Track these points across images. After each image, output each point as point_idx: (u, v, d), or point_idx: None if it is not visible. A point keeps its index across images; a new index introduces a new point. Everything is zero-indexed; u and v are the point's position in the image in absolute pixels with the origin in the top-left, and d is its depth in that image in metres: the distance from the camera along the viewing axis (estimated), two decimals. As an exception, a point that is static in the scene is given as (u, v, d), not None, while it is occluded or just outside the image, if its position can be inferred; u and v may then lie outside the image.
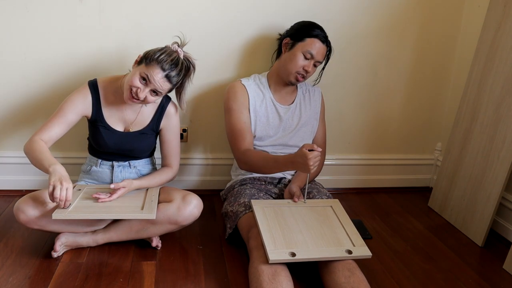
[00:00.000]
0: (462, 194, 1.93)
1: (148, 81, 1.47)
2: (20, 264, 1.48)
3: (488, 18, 1.87)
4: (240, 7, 1.90)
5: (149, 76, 1.46)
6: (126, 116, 1.63)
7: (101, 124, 1.60)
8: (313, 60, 1.69)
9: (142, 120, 1.64)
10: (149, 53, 1.49)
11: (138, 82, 1.47)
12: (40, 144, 1.47)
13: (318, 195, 1.73)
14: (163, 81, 1.48)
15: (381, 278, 1.53)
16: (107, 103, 1.60)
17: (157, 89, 1.49)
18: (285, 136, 1.80)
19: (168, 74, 1.47)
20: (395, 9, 2.04)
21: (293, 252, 1.35)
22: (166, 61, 1.47)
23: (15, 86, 1.87)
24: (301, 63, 1.69)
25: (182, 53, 1.53)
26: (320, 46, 1.69)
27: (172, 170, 1.70)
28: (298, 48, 1.69)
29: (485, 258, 1.72)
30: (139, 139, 1.64)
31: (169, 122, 1.67)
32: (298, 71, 1.70)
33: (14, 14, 1.78)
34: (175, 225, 1.55)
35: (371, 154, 2.29)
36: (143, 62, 1.49)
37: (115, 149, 1.63)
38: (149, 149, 1.71)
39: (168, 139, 1.69)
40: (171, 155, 1.70)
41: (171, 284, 1.43)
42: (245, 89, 1.76)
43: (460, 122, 1.99)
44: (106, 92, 1.60)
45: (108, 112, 1.61)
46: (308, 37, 1.68)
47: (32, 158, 1.45)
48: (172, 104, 1.68)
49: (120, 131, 1.63)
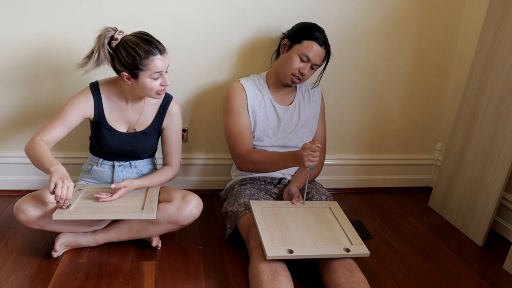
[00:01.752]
0: (462, 194, 1.93)
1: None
2: (20, 264, 1.48)
3: (488, 18, 1.87)
4: (240, 7, 1.91)
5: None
6: (130, 117, 1.63)
7: (103, 125, 1.60)
8: (309, 63, 1.68)
9: (144, 120, 1.64)
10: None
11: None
12: (41, 144, 1.47)
13: (317, 195, 1.73)
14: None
15: (381, 278, 1.53)
16: (109, 104, 1.60)
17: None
18: (284, 137, 1.80)
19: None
20: (395, 9, 2.04)
21: (291, 249, 1.35)
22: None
23: (14, 86, 1.88)
24: (296, 65, 1.68)
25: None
26: (318, 49, 1.67)
27: (172, 169, 1.70)
28: (295, 50, 1.68)
29: (485, 258, 1.72)
30: (142, 140, 1.65)
31: (171, 120, 1.67)
32: (294, 73, 1.69)
33: (14, 14, 1.78)
34: (175, 225, 1.55)
35: (371, 154, 2.29)
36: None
37: (118, 150, 1.63)
38: (151, 149, 1.71)
39: (170, 138, 1.69)
40: (172, 154, 1.71)
41: (171, 284, 1.43)
42: (244, 89, 1.76)
43: (460, 122, 1.99)
44: (108, 94, 1.60)
45: (111, 114, 1.61)
46: (306, 40, 1.67)
47: (33, 158, 1.46)
48: (174, 103, 1.68)
49: (123, 132, 1.63)
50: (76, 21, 1.81)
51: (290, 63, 1.68)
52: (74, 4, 1.79)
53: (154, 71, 1.46)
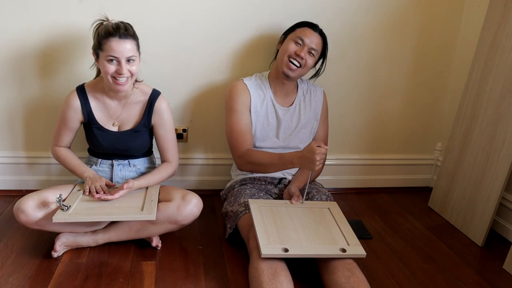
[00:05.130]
0: (462, 194, 1.93)
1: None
2: (20, 264, 1.48)
3: (488, 18, 1.87)
4: (240, 7, 1.90)
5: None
6: (117, 114, 1.63)
7: (94, 125, 1.62)
8: (305, 47, 1.68)
9: (132, 118, 1.65)
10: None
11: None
12: (63, 153, 1.67)
13: (318, 195, 1.73)
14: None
15: (381, 278, 1.53)
16: (97, 103, 1.62)
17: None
18: (285, 138, 1.80)
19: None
20: (396, 9, 2.04)
21: (286, 248, 1.35)
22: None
23: (13, 86, 1.88)
24: (292, 48, 1.68)
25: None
26: (311, 32, 1.69)
27: (171, 165, 1.71)
28: (289, 38, 1.71)
29: (485, 258, 1.72)
30: (133, 138, 1.65)
31: (161, 117, 1.66)
32: (290, 55, 1.68)
33: (14, 14, 1.78)
34: (175, 224, 1.55)
35: (371, 154, 2.29)
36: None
37: (111, 149, 1.64)
38: (145, 146, 1.71)
39: (162, 135, 1.68)
40: (167, 151, 1.71)
41: (171, 284, 1.43)
42: (247, 89, 1.75)
43: (460, 122, 1.99)
44: (94, 93, 1.62)
45: (99, 113, 1.63)
46: (299, 27, 1.71)
47: (64, 166, 1.68)
48: (162, 99, 1.66)
49: (113, 130, 1.64)
50: (76, 21, 1.81)
51: (286, 48, 1.69)
52: (74, 4, 1.79)
53: (109, 53, 1.46)
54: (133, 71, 1.51)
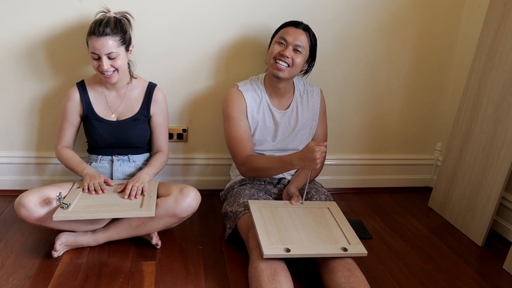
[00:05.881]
0: (462, 194, 1.93)
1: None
2: (20, 264, 1.48)
3: (488, 18, 1.87)
4: (240, 8, 1.90)
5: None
6: (115, 104, 1.70)
7: (93, 117, 1.67)
8: (289, 46, 1.67)
9: (131, 107, 1.70)
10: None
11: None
12: (65, 152, 1.68)
13: (317, 195, 1.73)
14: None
15: (381, 278, 1.53)
16: (95, 95, 1.69)
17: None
18: (283, 140, 1.80)
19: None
20: (395, 9, 2.04)
21: (288, 248, 1.35)
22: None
23: (14, 85, 1.88)
24: (276, 49, 1.68)
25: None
26: (294, 30, 1.68)
27: (164, 153, 1.77)
28: (274, 40, 1.72)
29: (485, 258, 1.72)
30: (132, 126, 1.69)
31: (159, 106, 1.75)
32: (275, 57, 1.68)
33: (13, 13, 1.78)
34: (174, 217, 1.56)
35: (371, 154, 2.29)
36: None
37: (112, 140, 1.68)
38: (144, 136, 1.74)
39: (159, 122, 1.76)
40: (161, 139, 1.77)
41: (171, 284, 1.43)
42: (242, 95, 1.74)
43: (460, 122, 1.99)
44: (93, 85, 1.70)
45: (98, 105, 1.69)
46: (281, 29, 1.73)
47: (66, 166, 1.69)
48: (159, 90, 1.76)
49: (112, 120, 1.68)
50: (77, 21, 1.81)
51: (271, 51, 1.70)
52: (74, 4, 1.79)
53: (91, 50, 1.57)
54: (116, 65, 1.58)
